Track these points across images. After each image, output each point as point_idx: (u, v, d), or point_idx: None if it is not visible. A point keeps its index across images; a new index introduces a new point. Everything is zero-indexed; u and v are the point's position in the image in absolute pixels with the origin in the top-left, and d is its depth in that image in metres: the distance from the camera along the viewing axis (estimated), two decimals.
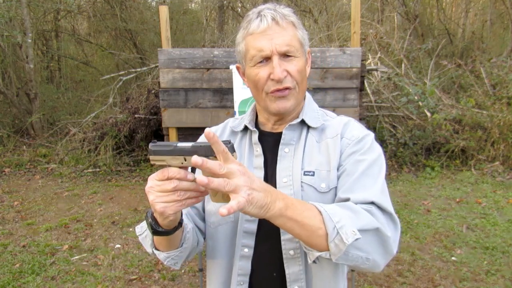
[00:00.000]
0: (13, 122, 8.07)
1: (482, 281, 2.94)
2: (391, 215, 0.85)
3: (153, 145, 0.77)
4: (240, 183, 0.68)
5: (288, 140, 0.99)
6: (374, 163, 0.92)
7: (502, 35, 9.86)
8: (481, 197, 4.66)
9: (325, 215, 0.77)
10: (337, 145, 0.96)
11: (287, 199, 0.77)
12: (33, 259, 3.36)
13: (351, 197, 0.85)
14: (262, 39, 0.91)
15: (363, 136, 0.97)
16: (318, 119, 1.02)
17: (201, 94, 5.05)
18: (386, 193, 0.89)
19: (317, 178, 0.93)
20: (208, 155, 0.71)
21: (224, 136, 1.08)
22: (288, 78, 0.94)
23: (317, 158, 0.96)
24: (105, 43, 10.26)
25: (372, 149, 0.94)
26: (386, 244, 0.81)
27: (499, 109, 5.83)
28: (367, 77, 6.52)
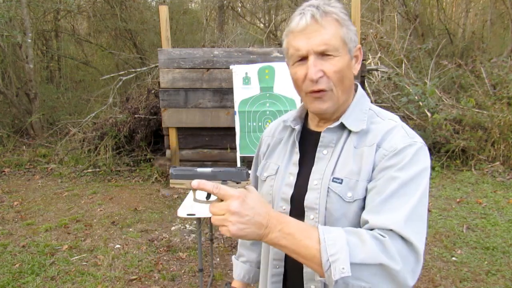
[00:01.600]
0: (13, 122, 8.06)
1: (483, 281, 2.93)
2: (412, 245, 0.78)
3: (174, 170, 0.82)
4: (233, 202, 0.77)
5: (327, 143, 0.97)
6: (410, 182, 0.83)
7: (502, 35, 9.86)
8: (482, 197, 4.66)
9: (322, 246, 0.77)
10: (371, 155, 0.89)
11: (286, 229, 0.79)
12: (33, 259, 3.35)
13: (370, 221, 0.81)
14: (300, 38, 0.90)
15: (404, 147, 0.87)
16: (361, 122, 0.95)
17: (201, 94, 5.05)
18: (417, 217, 0.81)
19: (345, 187, 0.90)
20: (226, 180, 0.81)
21: (278, 130, 1.12)
22: (324, 79, 0.90)
23: (349, 166, 0.91)
24: (105, 43, 10.26)
25: (411, 164, 0.84)
26: (396, 277, 0.76)
27: (499, 109, 5.83)
28: (367, 77, 6.52)
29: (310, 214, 0.93)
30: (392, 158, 0.86)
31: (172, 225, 4.09)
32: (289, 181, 1.00)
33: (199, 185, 0.78)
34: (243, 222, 0.77)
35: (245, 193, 0.79)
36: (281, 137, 1.10)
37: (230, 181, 0.80)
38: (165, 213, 4.42)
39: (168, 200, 4.87)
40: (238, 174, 0.81)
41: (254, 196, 0.80)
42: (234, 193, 0.77)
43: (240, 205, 0.77)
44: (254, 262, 1.24)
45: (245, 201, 0.77)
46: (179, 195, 4.98)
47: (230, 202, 0.77)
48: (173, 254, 3.48)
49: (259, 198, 0.81)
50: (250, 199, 0.78)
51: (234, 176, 0.81)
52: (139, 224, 4.14)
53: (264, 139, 1.16)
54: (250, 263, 1.24)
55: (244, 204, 0.77)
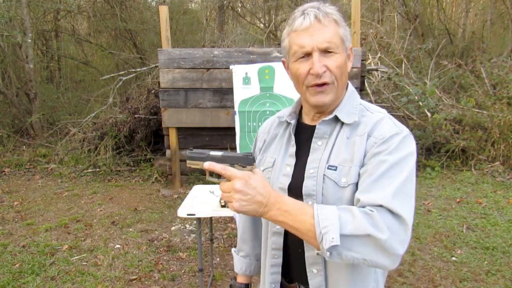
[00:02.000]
0: (13, 122, 8.07)
1: (483, 281, 2.93)
2: (400, 217, 0.85)
3: (190, 152, 0.94)
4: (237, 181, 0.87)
5: (322, 134, 1.05)
6: (397, 164, 0.91)
7: (502, 35, 9.86)
8: (482, 197, 4.66)
9: (316, 221, 0.86)
10: (363, 144, 0.97)
11: (283, 207, 0.89)
12: (33, 259, 3.35)
13: (362, 199, 0.89)
14: (304, 36, 0.97)
15: (391, 135, 0.96)
16: (353, 115, 1.03)
17: (201, 94, 5.05)
18: (404, 194, 0.89)
19: (339, 173, 0.98)
20: (234, 163, 0.91)
21: (273, 126, 1.20)
22: (327, 74, 0.99)
23: (343, 154, 0.99)
24: (105, 43, 10.26)
25: (398, 150, 0.93)
26: (383, 247, 0.83)
27: (499, 109, 5.83)
28: (367, 77, 6.52)
29: (308, 201, 1.00)
30: (381, 145, 0.94)
31: (172, 225, 4.09)
32: (286, 172, 1.07)
33: (210, 167, 0.89)
34: (245, 200, 0.87)
35: (249, 175, 0.88)
36: (276, 133, 1.18)
37: (237, 165, 0.91)
38: (165, 213, 4.43)
39: (168, 200, 4.87)
40: (244, 159, 0.91)
41: (257, 177, 0.89)
42: (239, 174, 0.87)
43: (244, 185, 0.87)
44: (253, 255, 1.31)
45: (248, 181, 0.87)
46: (179, 195, 4.98)
47: (235, 182, 0.87)
48: (173, 254, 3.48)
49: (261, 180, 0.90)
50: (253, 180, 0.88)
51: (240, 161, 0.91)
52: (139, 224, 4.14)
53: (260, 136, 1.24)
54: (249, 257, 1.31)
55: (247, 184, 0.87)
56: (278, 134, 1.17)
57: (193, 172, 5.34)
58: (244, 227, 1.32)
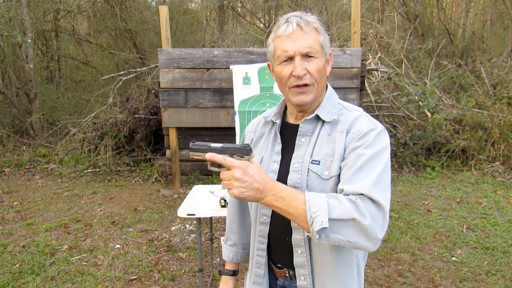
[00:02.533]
0: (13, 122, 8.06)
1: (483, 281, 2.93)
2: (379, 204, 0.95)
3: (193, 144, 1.04)
4: (236, 170, 0.97)
5: (305, 132, 1.15)
6: (374, 157, 1.01)
7: (502, 35, 9.86)
8: (482, 197, 4.66)
9: (307, 206, 0.95)
10: (342, 140, 1.08)
11: (278, 193, 0.99)
12: (33, 259, 3.35)
13: (345, 189, 0.99)
14: (287, 42, 1.08)
15: (368, 131, 1.06)
16: (333, 114, 1.14)
17: (201, 94, 5.05)
18: (382, 184, 0.98)
19: (322, 167, 1.08)
20: (233, 154, 1.00)
21: (259, 125, 1.30)
22: (307, 76, 1.09)
23: (325, 150, 1.10)
24: (105, 43, 10.26)
25: (374, 144, 1.03)
26: (366, 231, 0.93)
27: (499, 109, 5.83)
28: (367, 77, 6.52)
29: None
30: (359, 140, 1.05)
31: (172, 225, 4.09)
32: (273, 168, 1.17)
33: (211, 157, 0.99)
34: (244, 187, 0.97)
35: (247, 164, 0.98)
36: (262, 132, 1.28)
37: (236, 155, 1.00)
38: (165, 213, 4.43)
39: (168, 200, 4.87)
40: (242, 150, 1.00)
41: (254, 167, 0.99)
42: (238, 164, 0.97)
43: (242, 173, 0.96)
44: (240, 244, 1.41)
45: (246, 170, 0.97)
46: (179, 195, 4.98)
47: (234, 171, 0.96)
48: (173, 254, 3.48)
49: (258, 169, 1.00)
50: (250, 169, 0.97)
51: (239, 151, 1.00)
52: (139, 224, 4.14)
53: (247, 135, 1.34)
54: (236, 246, 1.41)
55: (245, 173, 0.96)
56: (265, 133, 1.26)
57: (193, 172, 5.34)
58: (232, 217, 1.42)
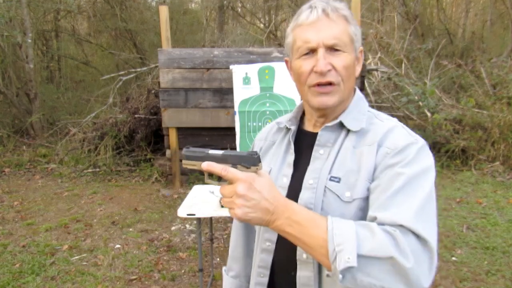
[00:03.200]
0: (13, 122, 8.07)
1: (483, 281, 2.93)
2: (425, 242, 0.73)
3: (186, 151, 0.82)
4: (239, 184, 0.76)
5: (324, 142, 0.94)
6: (416, 178, 0.80)
7: (502, 35, 9.86)
8: (482, 197, 4.66)
9: (329, 235, 0.74)
10: (372, 154, 0.86)
11: (293, 217, 0.78)
12: (33, 259, 3.35)
13: (378, 217, 0.77)
14: (310, 31, 0.89)
15: (406, 145, 0.85)
16: (360, 121, 0.93)
17: (201, 94, 5.05)
18: (427, 214, 0.77)
19: (343, 186, 0.87)
20: (236, 164, 0.79)
21: (271, 133, 1.10)
22: (332, 73, 0.89)
23: (348, 165, 0.88)
24: (105, 43, 10.26)
25: (415, 161, 0.82)
26: (407, 275, 0.71)
27: (499, 109, 5.83)
28: (367, 77, 6.52)
29: None
30: (395, 156, 0.83)
31: (172, 225, 4.09)
32: (283, 183, 0.97)
33: (209, 167, 0.78)
34: (249, 206, 0.76)
35: (253, 177, 0.77)
36: (274, 140, 1.08)
37: (240, 165, 0.79)
38: (165, 213, 4.43)
39: (168, 200, 4.87)
40: (248, 158, 0.78)
41: (263, 180, 0.78)
42: (242, 177, 0.76)
43: (247, 189, 0.76)
44: (244, 276, 1.17)
45: (252, 185, 0.76)
46: (179, 195, 4.98)
47: (237, 185, 0.76)
48: (173, 254, 3.48)
49: (268, 183, 0.79)
50: (258, 183, 0.77)
51: (244, 161, 0.79)
52: (139, 224, 4.14)
53: (256, 143, 1.14)
54: (239, 278, 1.18)
55: (251, 188, 0.76)
56: (276, 141, 1.06)
57: (193, 172, 5.34)
58: (236, 242, 1.18)
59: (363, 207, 0.84)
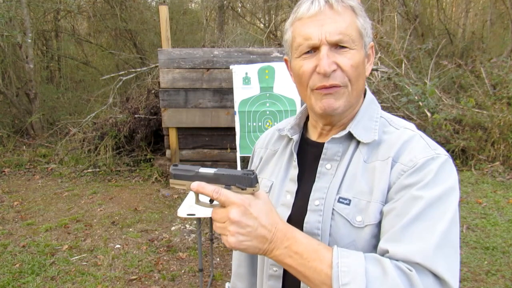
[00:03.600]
0: (13, 122, 8.06)
1: (483, 281, 2.93)
2: (446, 284, 0.64)
3: (174, 169, 0.73)
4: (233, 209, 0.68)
5: (331, 156, 0.82)
6: (437, 202, 0.68)
7: (502, 35, 9.86)
8: (482, 197, 4.66)
9: (334, 272, 0.65)
10: (386, 172, 0.75)
11: (294, 247, 0.69)
12: (33, 259, 3.35)
13: (390, 250, 0.67)
14: (311, 25, 0.77)
15: (426, 161, 0.73)
16: (372, 131, 0.81)
17: (201, 94, 5.05)
18: (449, 247, 0.66)
19: (353, 209, 0.76)
20: (230, 184, 0.70)
21: (272, 140, 0.99)
22: (338, 73, 0.77)
23: (359, 184, 0.78)
24: (105, 43, 10.26)
25: (436, 181, 0.70)
26: None
27: (499, 109, 5.83)
28: (367, 77, 6.52)
29: None
30: (412, 175, 0.72)
31: (172, 225, 4.09)
32: (286, 201, 0.86)
33: (199, 188, 0.69)
34: (243, 234, 0.68)
35: (249, 201, 0.68)
36: (275, 149, 0.96)
37: (234, 186, 0.70)
38: (165, 213, 4.43)
39: (168, 200, 4.87)
40: (243, 179, 0.69)
41: (261, 204, 0.70)
42: (236, 200, 0.67)
43: (242, 214, 0.67)
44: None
45: (248, 209, 0.68)
46: (179, 195, 4.98)
47: (230, 210, 0.67)
48: (173, 254, 3.48)
49: (266, 207, 0.70)
50: (254, 208, 0.68)
51: (239, 181, 0.69)
52: (139, 224, 4.14)
53: (257, 151, 1.03)
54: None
55: (246, 213, 0.67)
56: (278, 150, 0.95)
57: None
58: (240, 259, 1.08)
59: (376, 234, 0.74)
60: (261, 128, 3.69)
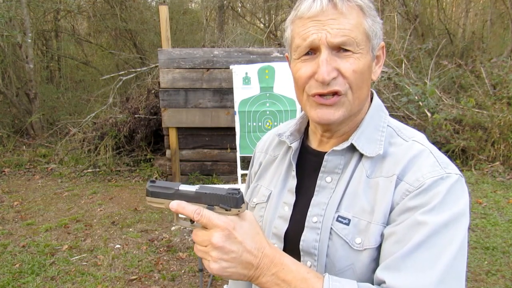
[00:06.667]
0: (13, 122, 8.07)
1: (483, 281, 2.93)
2: None
3: (151, 186, 0.66)
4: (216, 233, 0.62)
5: (331, 168, 0.77)
6: (443, 229, 0.62)
7: (502, 35, 9.86)
8: (482, 197, 4.66)
9: None
10: (389, 190, 0.69)
11: (281, 274, 0.64)
12: (33, 259, 3.35)
13: (388, 281, 0.62)
14: (311, 25, 0.70)
15: (434, 181, 0.66)
16: (377, 144, 0.75)
17: (201, 94, 5.05)
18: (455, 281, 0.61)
19: (352, 229, 0.71)
20: (213, 204, 0.64)
21: (272, 145, 0.93)
22: (339, 80, 0.71)
23: (360, 202, 0.72)
24: (105, 43, 10.26)
25: (444, 205, 0.64)
26: None
27: (499, 109, 5.83)
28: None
29: (306, 260, 0.75)
30: (418, 196, 0.66)
31: (172, 225, 4.09)
32: (283, 213, 0.82)
33: (178, 208, 0.63)
34: (227, 260, 0.62)
35: (234, 223, 0.62)
36: (275, 155, 0.91)
37: (218, 206, 0.63)
38: (165, 213, 4.43)
39: None
40: (228, 199, 0.63)
41: (246, 226, 0.64)
42: (219, 223, 0.61)
43: (225, 239, 0.61)
44: None
45: (232, 233, 0.62)
46: None
47: (213, 234, 0.62)
48: (173, 254, 3.48)
49: (252, 230, 0.64)
50: (239, 231, 0.62)
51: (223, 201, 0.63)
52: (139, 224, 4.14)
53: (256, 155, 0.98)
54: None
55: (230, 238, 0.62)
56: (278, 156, 0.90)
57: (193, 172, 5.34)
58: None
59: (376, 257, 0.69)
60: (261, 128, 3.69)
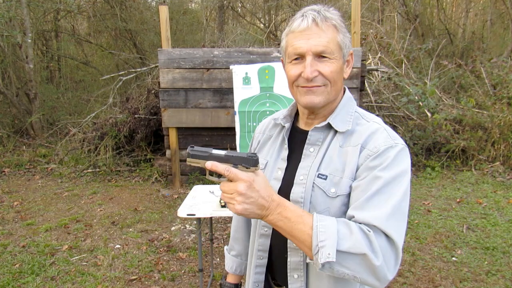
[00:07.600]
0: (13, 122, 8.07)
1: (483, 282, 2.93)
2: (393, 242, 0.85)
3: (191, 150, 0.89)
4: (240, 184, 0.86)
5: (314, 141, 1.04)
6: (391, 182, 0.89)
7: (502, 35, 9.86)
8: (482, 197, 4.65)
9: (314, 232, 0.86)
10: (355, 155, 0.95)
11: (284, 213, 0.89)
12: (33, 260, 3.35)
13: (356, 216, 0.88)
14: (300, 38, 0.96)
15: (385, 149, 0.93)
16: (347, 123, 1.02)
17: (201, 94, 5.04)
18: (399, 216, 0.87)
19: (329, 183, 0.97)
20: (237, 164, 0.88)
21: (268, 127, 1.21)
22: (319, 78, 0.97)
23: (334, 164, 0.98)
24: (105, 43, 10.25)
25: (392, 165, 0.91)
26: (375, 270, 0.83)
27: (499, 109, 5.83)
28: (368, 77, 6.52)
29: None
30: (375, 159, 0.92)
31: (172, 225, 4.09)
32: (277, 175, 1.07)
33: (212, 167, 0.86)
34: (248, 203, 0.86)
35: (253, 177, 0.87)
36: (271, 134, 1.18)
37: (241, 166, 0.88)
38: (165, 213, 4.42)
39: (168, 200, 4.87)
40: (248, 160, 0.88)
41: (261, 180, 0.89)
42: (243, 177, 0.86)
43: (247, 188, 0.85)
44: (244, 255, 1.32)
45: (252, 184, 0.86)
46: (179, 195, 4.98)
47: (238, 184, 0.86)
48: (173, 254, 3.48)
49: (265, 183, 0.89)
50: (256, 183, 0.87)
51: (244, 162, 0.88)
52: (139, 224, 4.14)
53: (256, 136, 1.25)
54: (240, 257, 1.33)
55: (250, 187, 0.86)
56: (273, 135, 1.17)
57: (193, 172, 5.34)
58: (237, 225, 1.32)
59: (346, 203, 0.95)
60: None
